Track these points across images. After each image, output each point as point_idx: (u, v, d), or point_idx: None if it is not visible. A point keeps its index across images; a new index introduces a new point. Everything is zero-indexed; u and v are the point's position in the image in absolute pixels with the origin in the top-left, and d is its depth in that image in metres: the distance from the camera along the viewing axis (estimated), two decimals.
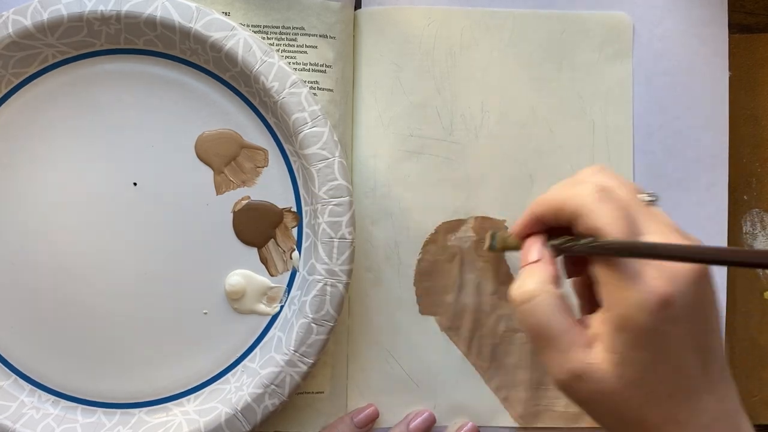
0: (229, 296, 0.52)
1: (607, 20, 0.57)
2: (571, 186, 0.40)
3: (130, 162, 0.52)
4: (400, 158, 0.56)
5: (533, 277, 0.40)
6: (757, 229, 0.58)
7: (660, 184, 0.57)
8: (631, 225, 0.37)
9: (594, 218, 0.38)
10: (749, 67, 0.58)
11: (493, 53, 0.57)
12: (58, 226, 0.52)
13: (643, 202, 0.40)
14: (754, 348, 0.57)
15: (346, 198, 0.50)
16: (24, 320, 0.52)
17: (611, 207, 0.38)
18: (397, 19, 0.56)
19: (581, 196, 0.39)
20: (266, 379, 0.50)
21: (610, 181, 0.40)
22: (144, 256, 0.52)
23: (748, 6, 0.58)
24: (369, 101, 0.56)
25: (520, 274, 0.42)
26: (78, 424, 0.51)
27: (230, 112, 0.52)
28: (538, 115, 0.57)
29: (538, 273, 0.40)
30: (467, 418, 0.56)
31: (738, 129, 0.58)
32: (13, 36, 0.50)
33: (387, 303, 0.56)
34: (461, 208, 0.56)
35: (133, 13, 0.50)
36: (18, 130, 0.52)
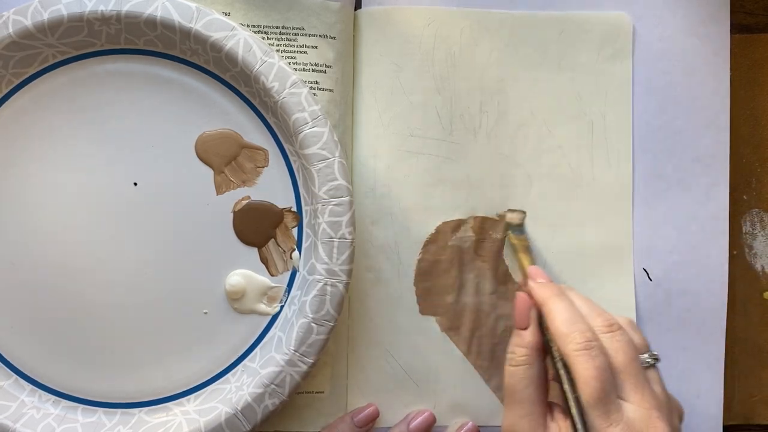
0: (230, 296, 0.52)
1: (606, 20, 0.57)
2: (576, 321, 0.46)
3: (130, 162, 0.52)
4: (400, 158, 0.56)
5: (521, 347, 0.48)
6: (757, 229, 0.58)
7: (660, 184, 0.57)
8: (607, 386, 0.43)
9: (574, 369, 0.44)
10: (749, 67, 0.58)
11: (493, 53, 0.57)
12: (58, 226, 0.52)
13: (642, 364, 0.45)
14: (754, 348, 0.57)
15: (346, 198, 0.50)
16: (24, 320, 0.52)
17: (590, 365, 0.43)
18: (397, 19, 0.56)
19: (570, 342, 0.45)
20: (266, 378, 0.50)
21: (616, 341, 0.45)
22: (144, 256, 0.52)
23: (748, 6, 0.58)
24: (369, 101, 0.56)
25: (514, 333, 0.49)
26: (78, 423, 0.51)
27: (230, 112, 0.52)
28: (538, 116, 0.57)
29: (525, 343, 0.48)
30: (467, 418, 0.56)
31: (738, 129, 0.58)
32: (14, 36, 0.50)
33: (387, 303, 0.56)
34: (461, 208, 0.56)
35: (133, 13, 0.50)
36: (18, 130, 0.52)
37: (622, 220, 0.57)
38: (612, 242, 0.56)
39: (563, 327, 0.45)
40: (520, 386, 0.46)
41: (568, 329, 0.45)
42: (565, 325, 0.45)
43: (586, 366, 0.43)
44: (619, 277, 0.56)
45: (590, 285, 0.56)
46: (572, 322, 0.45)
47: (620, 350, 0.44)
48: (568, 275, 0.56)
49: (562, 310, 0.46)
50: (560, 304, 0.47)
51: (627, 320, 0.48)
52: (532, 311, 0.49)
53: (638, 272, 0.57)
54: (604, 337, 0.45)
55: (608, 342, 0.45)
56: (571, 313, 0.46)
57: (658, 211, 0.57)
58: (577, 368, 0.43)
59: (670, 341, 0.56)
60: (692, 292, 0.57)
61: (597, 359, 0.43)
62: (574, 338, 0.44)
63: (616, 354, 0.44)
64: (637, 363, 0.44)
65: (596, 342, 0.44)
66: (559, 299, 0.47)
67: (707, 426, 0.56)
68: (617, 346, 0.45)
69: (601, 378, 0.43)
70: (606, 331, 0.45)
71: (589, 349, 0.44)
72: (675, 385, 0.56)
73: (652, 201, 0.57)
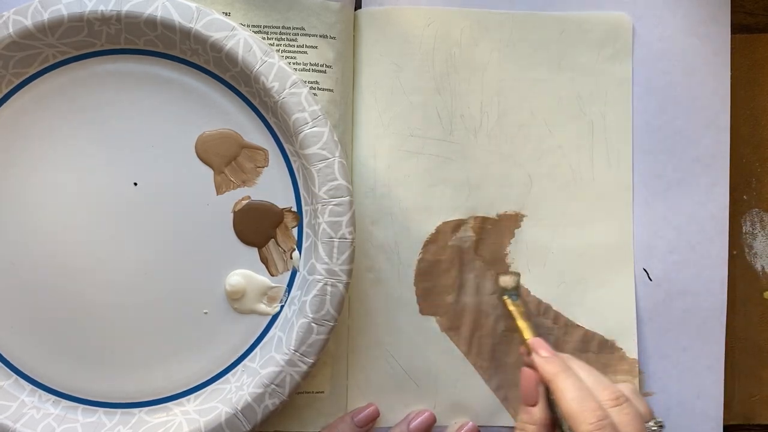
0: (230, 296, 0.52)
1: (606, 20, 0.57)
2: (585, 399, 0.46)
3: (130, 162, 0.52)
4: (400, 158, 0.56)
5: (531, 425, 0.48)
6: (757, 229, 0.58)
7: (660, 184, 0.57)
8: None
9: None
10: (749, 67, 0.58)
11: (493, 53, 0.57)
12: (58, 226, 0.52)
13: None
14: (754, 348, 0.57)
15: (347, 198, 0.50)
16: (24, 320, 0.52)
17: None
18: (397, 19, 0.56)
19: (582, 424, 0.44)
20: (266, 378, 0.50)
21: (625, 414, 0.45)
22: (144, 256, 0.52)
23: (748, 6, 0.58)
24: (369, 101, 0.56)
25: (521, 409, 0.50)
26: (78, 423, 0.51)
27: (230, 112, 0.52)
28: (538, 116, 0.57)
29: (534, 420, 0.48)
30: (467, 418, 0.56)
31: (738, 129, 0.58)
32: (14, 36, 0.50)
33: (387, 303, 0.56)
34: (461, 208, 0.56)
35: (133, 13, 0.50)
36: (18, 130, 0.52)
37: (622, 220, 0.57)
38: (612, 242, 0.56)
39: (574, 405, 0.45)
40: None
41: (579, 407, 0.45)
42: (576, 403, 0.45)
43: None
44: (619, 277, 0.56)
45: (590, 285, 0.56)
46: (582, 400, 0.45)
47: (629, 424, 0.45)
48: (569, 275, 0.56)
49: (571, 388, 0.46)
50: (568, 381, 0.47)
51: (630, 388, 0.48)
52: (540, 387, 0.49)
53: (638, 272, 0.57)
54: (613, 411, 0.45)
55: (617, 416, 0.45)
56: (579, 390, 0.46)
57: (658, 211, 0.57)
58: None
59: (670, 341, 0.56)
60: (692, 292, 0.57)
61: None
62: (586, 418, 0.44)
63: (625, 428, 0.44)
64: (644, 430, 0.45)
65: (607, 420, 0.44)
66: (567, 376, 0.47)
67: (707, 426, 0.56)
68: (626, 420, 0.45)
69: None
70: (613, 405, 0.45)
71: (601, 429, 0.44)
72: (675, 385, 0.56)
73: (652, 201, 0.57)
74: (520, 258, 0.56)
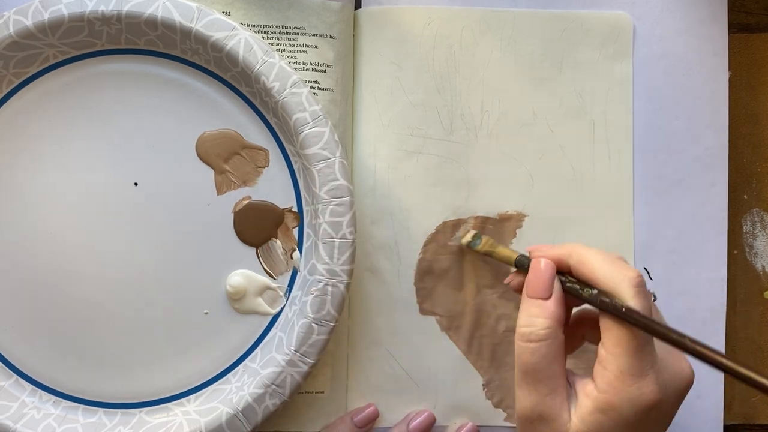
0: (230, 296, 0.52)
1: (607, 20, 0.57)
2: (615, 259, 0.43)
3: (130, 162, 0.52)
4: (400, 158, 0.56)
5: (543, 319, 0.43)
6: (757, 229, 0.58)
7: (660, 184, 0.57)
8: None
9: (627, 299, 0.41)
10: (749, 67, 0.58)
11: (493, 53, 0.57)
12: (59, 226, 0.52)
13: None
14: (754, 348, 0.58)
15: (347, 198, 0.50)
16: (25, 320, 0.52)
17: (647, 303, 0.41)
18: (397, 18, 0.56)
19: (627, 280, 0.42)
20: (267, 379, 0.50)
21: None
22: (145, 256, 0.52)
23: (748, 6, 0.59)
24: (369, 101, 0.56)
25: (528, 304, 0.44)
26: (79, 424, 0.51)
27: (231, 112, 0.52)
28: (538, 115, 0.57)
29: (548, 314, 0.43)
30: (467, 418, 0.56)
31: (738, 129, 0.58)
32: (14, 36, 0.50)
33: (387, 303, 0.56)
34: (461, 208, 0.56)
35: (134, 13, 0.50)
36: (19, 130, 0.52)
37: (623, 220, 0.57)
38: (612, 241, 0.56)
39: (609, 266, 0.42)
40: (544, 363, 0.42)
41: (616, 266, 0.42)
42: (610, 264, 0.43)
43: (644, 304, 0.41)
44: None
45: None
46: (614, 261, 0.43)
47: None
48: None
49: (597, 253, 0.44)
50: (591, 249, 0.44)
51: None
52: (556, 280, 0.45)
53: None
54: None
55: None
56: (605, 254, 0.43)
57: (658, 211, 0.57)
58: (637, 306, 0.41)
59: None
60: (692, 292, 0.57)
61: (649, 299, 0.42)
62: (629, 274, 0.42)
63: None
64: None
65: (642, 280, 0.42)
66: (584, 246, 0.45)
67: (707, 426, 0.56)
68: None
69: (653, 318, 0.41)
70: None
71: (643, 285, 0.41)
72: None
73: (652, 201, 0.57)
74: None
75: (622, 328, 0.41)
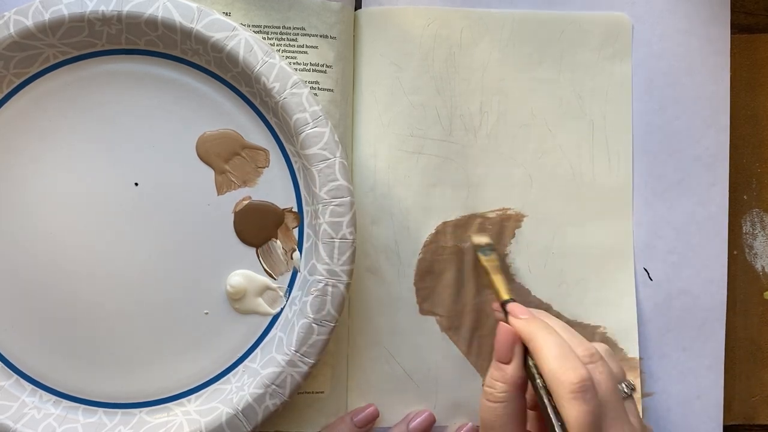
0: (230, 296, 0.52)
1: (606, 20, 0.57)
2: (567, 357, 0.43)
3: (131, 162, 0.52)
4: (400, 158, 0.56)
5: (502, 383, 0.46)
6: (757, 229, 0.58)
7: (660, 184, 0.57)
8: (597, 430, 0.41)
9: (566, 413, 0.42)
10: (749, 67, 0.58)
11: (493, 53, 0.57)
12: (59, 226, 0.52)
13: (622, 393, 0.44)
14: (754, 348, 0.58)
15: (347, 198, 0.50)
16: (25, 320, 0.52)
17: (584, 410, 0.41)
18: (397, 19, 0.56)
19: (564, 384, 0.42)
20: (267, 379, 0.50)
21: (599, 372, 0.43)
22: (145, 256, 0.52)
23: (748, 6, 0.59)
24: (369, 101, 0.56)
25: (493, 366, 0.47)
26: (79, 424, 0.51)
27: (231, 113, 0.52)
28: (538, 116, 0.57)
29: (506, 378, 0.46)
30: (467, 418, 0.56)
31: (738, 129, 0.58)
32: (15, 36, 0.50)
33: (387, 303, 0.56)
34: (461, 208, 0.56)
35: (134, 14, 0.50)
36: (19, 130, 0.52)
37: (623, 220, 0.57)
38: (612, 242, 0.57)
39: (555, 365, 0.43)
40: (499, 423, 0.45)
41: (560, 365, 0.43)
42: (558, 361, 0.43)
43: (580, 411, 0.41)
44: (619, 276, 0.56)
45: (591, 285, 0.56)
46: (564, 358, 0.43)
47: (602, 382, 0.43)
48: (569, 275, 0.56)
49: (552, 346, 0.44)
50: (549, 338, 0.44)
51: (604, 348, 0.47)
52: (517, 345, 0.46)
53: (639, 272, 0.57)
54: None
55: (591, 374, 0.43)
56: (561, 347, 0.44)
57: (658, 211, 0.57)
58: (570, 413, 0.41)
59: (670, 341, 0.57)
60: (692, 292, 0.57)
61: (591, 402, 0.41)
62: (569, 378, 0.42)
63: (598, 386, 0.43)
64: (617, 395, 0.43)
65: (590, 382, 0.42)
66: (547, 333, 0.45)
67: (707, 426, 0.56)
68: (599, 378, 0.43)
69: (593, 424, 0.41)
70: (588, 362, 0.44)
71: (583, 391, 0.41)
72: (675, 385, 0.56)
73: (652, 201, 0.57)
74: (521, 258, 0.56)
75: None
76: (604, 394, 0.43)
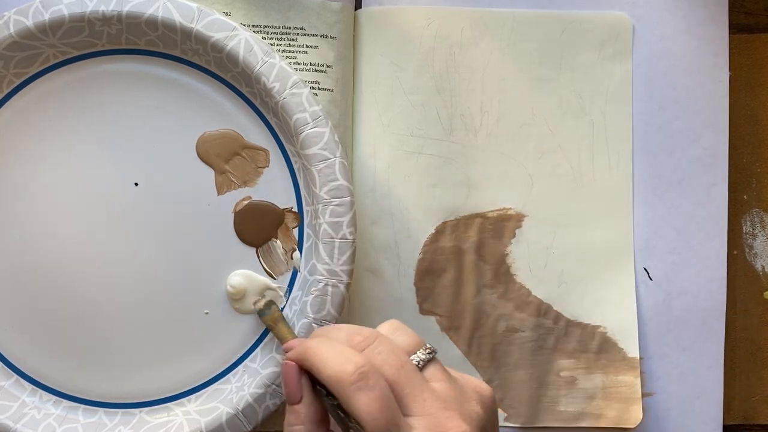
0: (231, 296, 0.52)
1: (606, 20, 0.57)
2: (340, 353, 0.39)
3: (131, 162, 0.52)
4: (400, 158, 0.56)
5: (298, 425, 0.41)
6: (757, 229, 0.58)
7: (660, 184, 0.57)
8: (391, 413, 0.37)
9: (354, 409, 0.38)
10: (749, 67, 0.58)
11: (493, 53, 0.57)
12: (59, 226, 0.52)
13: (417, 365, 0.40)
14: (753, 348, 0.58)
15: (347, 198, 0.50)
16: (25, 320, 0.52)
17: (370, 397, 0.37)
18: (397, 19, 0.56)
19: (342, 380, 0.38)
20: (267, 379, 0.50)
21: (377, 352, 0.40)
22: (145, 257, 0.52)
23: (748, 6, 0.59)
24: (369, 101, 0.56)
25: (287, 411, 0.42)
26: (79, 424, 0.51)
27: (231, 113, 0.52)
28: (538, 115, 0.57)
29: (302, 419, 0.41)
30: None
31: (738, 129, 0.58)
32: (15, 36, 0.50)
33: (387, 303, 0.56)
34: (461, 208, 0.56)
35: (134, 14, 0.50)
36: (19, 130, 0.52)
37: (623, 220, 0.57)
38: (612, 242, 0.57)
39: (330, 365, 0.39)
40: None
41: (335, 364, 0.39)
42: (331, 361, 0.39)
43: (365, 401, 0.37)
44: (619, 276, 0.56)
45: (591, 285, 0.56)
46: (337, 356, 0.39)
47: (385, 363, 0.39)
48: (569, 275, 0.56)
49: (323, 350, 0.40)
50: (319, 346, 0.40)
51: (390, 324, 0.42)
52: (303, 378, 0.42)
53: (639, 272, 0.57)
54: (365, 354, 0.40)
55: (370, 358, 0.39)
56: (332, 348, 0.40)
57: (658, 211, 0.57)
58: (358, 407, 0.37)
59: (670, 341, 0.57)
60: (692, 292, 0.57)
61: (376, 388, 0.38)
62: (345, 370, 0.38)
63: (382, 368, 0.39)
64: (406, 369, 0.39)
65: (368, 366, 0.38)
66: (317, 343, 0.41)
67: (707, 426, 0.56)
68: (380, 359, 0.39)
69: (384, 409, 0.37)
70: (363, 347, 0.40)
71: (364, 379, 0.38)
72: (675, 385, 0.56)
73: (652, 201, 0.57)
74: (521, 258, 0.56)
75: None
76: (391, 374, 0.39)
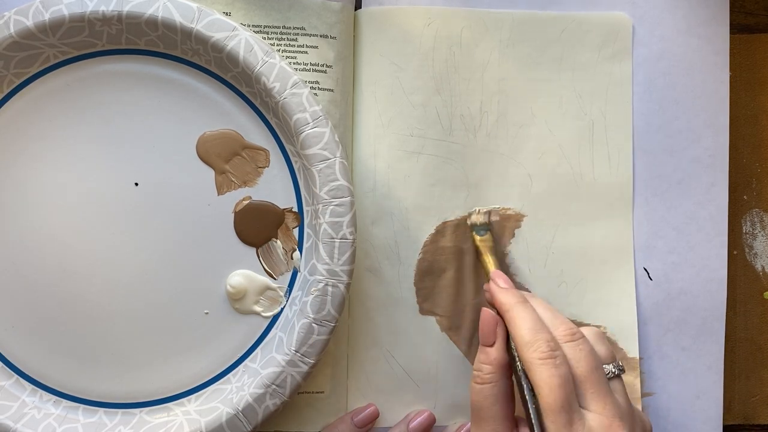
0: (231, 296, 0.52)
1: (606, 20, 0.57)
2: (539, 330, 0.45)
3: (131, 162, 0.52)
4: (400, 158, 0.56)
5: (487, 365, 0.47)
6: (757, 229, 0.58)
7: (660, 184, 0.57)
8: (569, 394, 0.43)
9: (536, 377, 0.44)
10: (749, 67, 0.58)
11: (493, 53, 0.57)
12: (59, 226, 0.52)
13: (606, 374, 0.45)
14: (754, 348, 0.58)
15: (347, 198, 0.50)
16: (25, 320, 0.52)
17: (553, 372, 0.43)
18: (397, 19, 0.56)
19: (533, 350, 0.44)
20: (267, 379, 0.50)
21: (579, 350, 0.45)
22: (145, 257, 0.52)
23: (748, 6, 0.59)
24: (369, 101, 0.56)
25: (479, 350, 0.48)
26: (79, 424, 0.51)
27: (231, 113, 0.52)
28: (538, 115, 0.57)
29: (491, 360, 0.47)
30: (467, 418, 0.56)
31: (738, 129, 0.58)
32: (15, 36, 0.50)
33: (387, 303, 0.56)
34: (461, 208, 0.56)
35: (134, 14, 0.50)
36: (19, 130, 0.52)
37: (623, 220, 0.57)
38: (612, 242, 0.57)
39: (527, 335, 0.45)
40: (487, 403, 0.46)
41: (531, 337, 0.44)
42: (529, 333, 0.45)
43: (549, 374, 0.43)
44: (619, 276, 0.56)
45: (591, 285, 0.56)
46: (536, 331, 0.45)
47: (582, 359, 0.44)
48: (569, 275, 0.56)
49: (526, 318, 0.46)
50: (523, 312, 0.46)
51: (593, 331, 0.48)
52: (499, 327, 0.48)
53: (639, 272, 0.57)
54: (566, 346, 0.45)
55: (570, 351, 0.45)
56: (534, 321, 0.46)
57: (658, 211, 0.57)
58: (540, 376, 0.43)
59: (670, 341, 0.57)
60: (692, 292, 0.57)
61: (560, 368, 0.43)
62: (539, 346, 0.44)
63: (578, 363, 0.44)
64: (599, 372, 0.45)
65: (559, 352, 0.44)
66: (523, 307, 0.47)
67: (707, 426, 0.56)
68: (579, 355, 0.45)
69: (563, 386, 0.43)
70: (568, 340, 0.45)
71: (553, 357, 0.43)
72: (675, 385, 0.56)
73: (652, 201, 0.57)
74: (520, 258, 0.56)
75: None
76: (584, 371, 0.44)
